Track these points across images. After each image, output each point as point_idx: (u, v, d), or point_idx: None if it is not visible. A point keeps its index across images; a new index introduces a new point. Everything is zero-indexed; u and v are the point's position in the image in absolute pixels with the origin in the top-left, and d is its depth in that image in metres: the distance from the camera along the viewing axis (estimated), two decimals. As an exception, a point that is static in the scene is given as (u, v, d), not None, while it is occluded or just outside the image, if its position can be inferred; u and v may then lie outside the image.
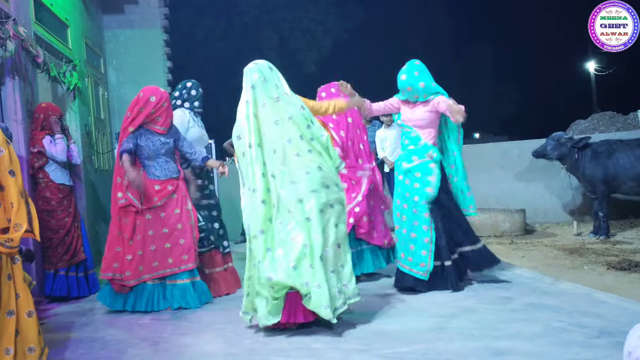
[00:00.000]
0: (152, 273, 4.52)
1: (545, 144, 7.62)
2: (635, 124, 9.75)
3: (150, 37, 9.14)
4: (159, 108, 4.58)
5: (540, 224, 8.70)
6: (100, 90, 8.07)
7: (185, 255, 4.54)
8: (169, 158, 4.67)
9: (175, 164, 4.72)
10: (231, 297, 4.85)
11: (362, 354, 3.17)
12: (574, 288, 4.38)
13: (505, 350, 3.05)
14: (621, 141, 7.48)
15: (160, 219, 4.56)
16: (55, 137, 4.99)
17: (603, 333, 3.23)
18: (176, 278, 4.54)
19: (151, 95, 4.58)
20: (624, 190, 7.36)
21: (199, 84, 5.21)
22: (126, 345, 3.63)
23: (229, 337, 3.68)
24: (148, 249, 4.52)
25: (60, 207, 5.06)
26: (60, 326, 4.21)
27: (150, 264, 4.51)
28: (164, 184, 4.59)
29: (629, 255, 5.98)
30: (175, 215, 4.58)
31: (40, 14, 5.86)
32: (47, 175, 5.01)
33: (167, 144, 4.63)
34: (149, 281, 4.52)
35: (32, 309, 2.85)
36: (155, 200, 4.52)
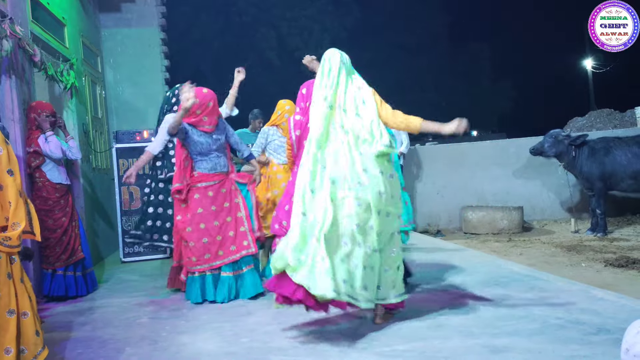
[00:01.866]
0: (205, 264, 4.62)
1: (543, 141, 7.63)
2: (632, 121, 9.77)
3: (147, 35, 9.14)
4: (204, 109, 4.61)
5: (538, 221, 8.72)
6: (97, 89, 8.05)
7: (233, 246, 4.65)
8: (220, 153, 4.77)
9: (225, 159, 4.82)
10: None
11: (361, 352, 3.17)
12: (572, 285, 4.39)
13: (504, 347, 3.06)
14: (618, 138, 7.50)
15: (212, 212, 4.65)
16: (46, 135, 4.97)
17: (601, 330, 3.23)
18: (223, 270, 4.65)
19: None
20: (622, 187, 7.38)
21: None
22: (125, 344, 3.63)
23: (227, 335, 3.68)
24: (201, 240, 4.62)
25: (58, 207, 5.04)
26: (58, 325, 4.20)
27: (202, 255, 4.61)
28: (212, 177, 4.69)
29: (626, 252, 6.00)
30: (225, 208, 4.69)
31: (37, 13, 5.84)
32: (44, 175, 4.99)
33: (218, 140, 4.74)
34: (207, 271, 4.62)
35: (27, 310, 2.84)
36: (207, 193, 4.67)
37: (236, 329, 3.81)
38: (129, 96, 8.94)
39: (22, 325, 2.81)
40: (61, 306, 4.88)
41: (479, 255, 6.02)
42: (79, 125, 6.76)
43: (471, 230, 8.18)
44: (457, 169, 9.02)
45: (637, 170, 7.12)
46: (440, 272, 5.13)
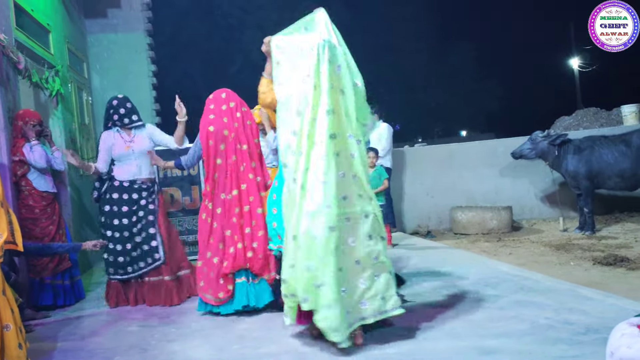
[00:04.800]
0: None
1: (523, 144, 7.73)
2: (618, 120, 9.84)
3: (133, 41, 9.10)
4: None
5: (527, 221, 8.76)
6: (84, 96, 8.00)
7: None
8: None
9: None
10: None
11: (350, 355, 3.17)
12: (560, 285, 4.41)
13: (493, 349, 3.07)
14: (605, 137, 7.55)
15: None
16: (31, 144, 4.92)
17: (589, 330, 3.25)
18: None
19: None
20: (609, 185, 7.43)
21: (119, 100, 5.17)
22: (114, 354, 3.60)
23: (217, 343, 3.67)
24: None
25: (44, 215, 4.99)
26: (46, 335, 4.16)
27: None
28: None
29: (614, 250, 6.04)
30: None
31: (21, 20, 5.79)
32: (30, 183, 4.95)
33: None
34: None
35: (9, 323, 2.80)
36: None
37: (226, 336, 3.79)
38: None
39: (5, 339, 2.78)
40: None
41: (469, 256, 6.04)
42: (65, 133, 6.71)
43: (461, 231, 8.20)
44: (446, 169, 9.04)
45: (623, 169, 7.17)
46: (431, 274, 5.14)
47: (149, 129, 5.17)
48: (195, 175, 7.18)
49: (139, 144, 5.08)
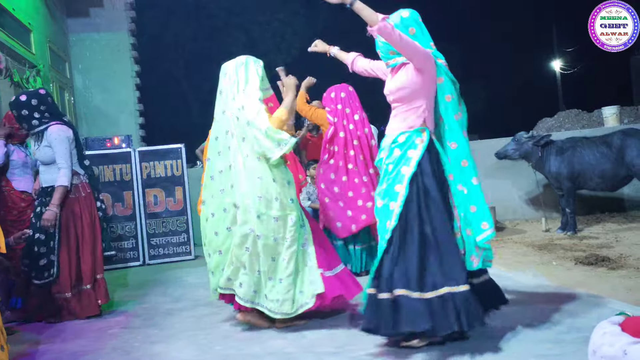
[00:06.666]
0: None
1: (507, 144, 7.78)
2: (599, 121, 9.95)
3: (116, 40, 9.04)
4: None
5: (510, 221, 8.83)
6: (66, 95, 7.92)
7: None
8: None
9: None
10: (204, 302, 4.77)
11: (335, 356, 3.17)
12: (543, 284, 4.45)
13: (476, 348, 3.08)
14: (586, 138, 7.62)
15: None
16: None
17: (571, 329, 3.28)
18: None
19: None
20: (590, 186, 7.50)
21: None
22: (96, 356, 3.57)
23: (201, 344, 3.64)
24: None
25: (24, 216, 4.91)
26: (26, 338, 4.11)
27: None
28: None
29: (595, 249, 6.10)
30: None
31: (1, 19, 5.73)
32: (10, 184, 4.88)
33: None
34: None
35: None
36: None
37: (210, 336, 3.77)
38: (99, 102, 8.82)
39: None
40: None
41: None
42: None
43: (445, 231, 8.22)
44: (430, 170, 9.06)
45: (605, 169, 7.24)
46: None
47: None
48: (180, 176, 7.12)
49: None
